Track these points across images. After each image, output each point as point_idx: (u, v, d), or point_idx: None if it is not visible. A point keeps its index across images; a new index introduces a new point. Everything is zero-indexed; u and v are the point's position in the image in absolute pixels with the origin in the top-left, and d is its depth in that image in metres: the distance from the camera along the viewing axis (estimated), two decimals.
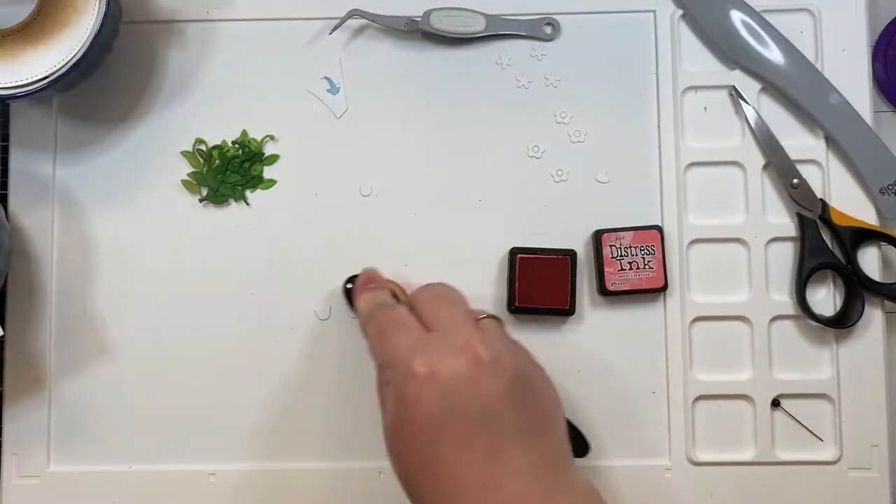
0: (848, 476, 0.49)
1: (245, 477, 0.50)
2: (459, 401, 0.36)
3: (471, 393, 0.36)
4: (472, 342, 0.37)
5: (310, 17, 0.52)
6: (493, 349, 0.37)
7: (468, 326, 0.39)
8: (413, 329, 0.40)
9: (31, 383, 0.50)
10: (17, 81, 0.45)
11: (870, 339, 0.50)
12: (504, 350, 0.38)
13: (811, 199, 0.50)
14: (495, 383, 0.36)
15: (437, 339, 0.39)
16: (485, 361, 0.37)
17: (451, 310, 0.40)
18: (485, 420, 0.36)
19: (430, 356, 0.37)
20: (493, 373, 0.37)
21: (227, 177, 0.51)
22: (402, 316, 0.41)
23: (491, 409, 0.36)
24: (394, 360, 0.38)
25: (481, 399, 0.36)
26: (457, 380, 0.36)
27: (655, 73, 0.51)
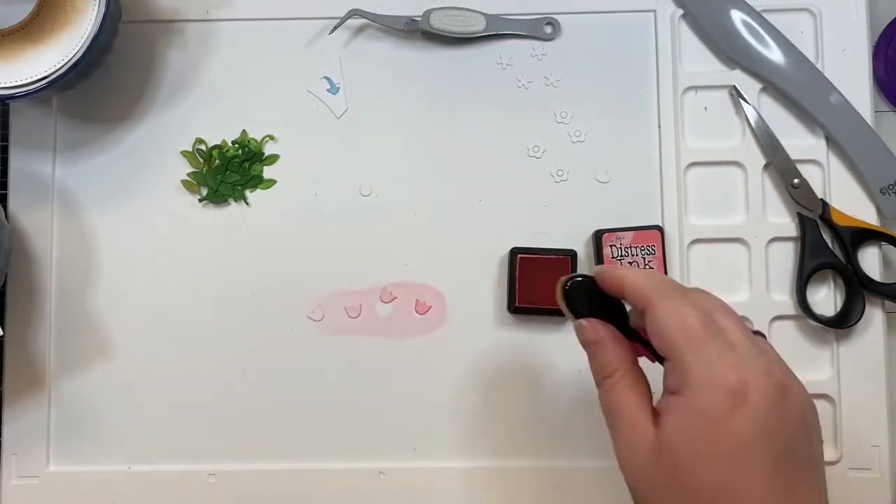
0: (848, 476, 0.49)
1: (245, 477, 0.50)
2: (769, 428, 0.33)
3: (778, 421, 0.34)
4: (775, 367, 0.35)
5: (310, 17, 0.52)
6: (789, 376, 0.35)
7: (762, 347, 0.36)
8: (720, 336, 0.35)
9: (31, 383, 0.50)
10: (16, 81, 0.45)
11: (870, 339, 0.50)
12: (795, 379, 0.36)
13: (812, 198, 0.50)
14: (794, 414, 0.34)
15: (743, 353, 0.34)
16: (787, 389, 0.34)
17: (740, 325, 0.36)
18: (785, 452, 0.34)
19: (744, 372, 0.34)
20: (794, 402, 0.34)
21: (227, 177, 0.51)
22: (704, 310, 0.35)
23: (791, 440, 0.34)
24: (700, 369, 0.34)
25: (786, 430, 0.34)
26: (766, 405, 0.33)
27: (655, 73, 0.51)
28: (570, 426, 0.50)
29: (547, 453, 0.49)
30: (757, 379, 0.34)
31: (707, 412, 0.33)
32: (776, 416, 0.34)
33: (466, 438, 0.50)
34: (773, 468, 0.33)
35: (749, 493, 0.33)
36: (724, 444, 0.33)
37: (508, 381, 0.50)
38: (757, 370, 0.34)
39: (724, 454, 0.33)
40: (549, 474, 0.49)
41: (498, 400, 0.50)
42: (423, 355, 0.50)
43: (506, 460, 0.49)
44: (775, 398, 0.34)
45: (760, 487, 0.33)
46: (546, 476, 0.49)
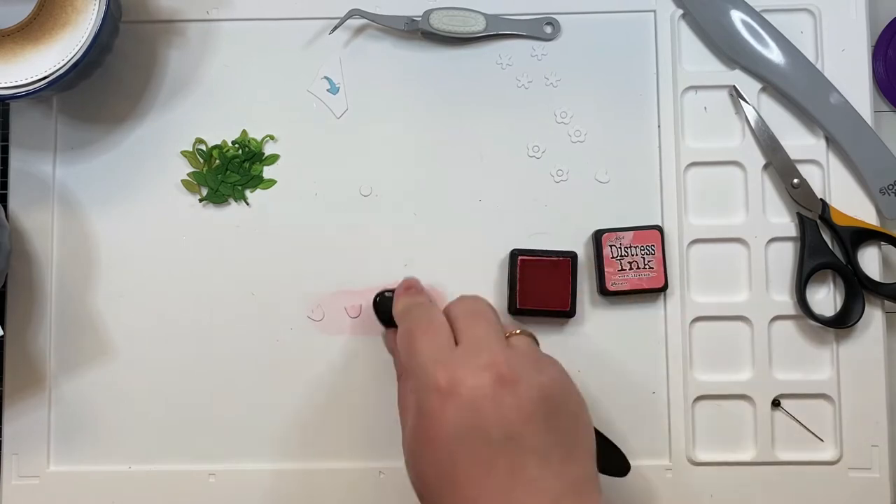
0: (848, 476, 0.49)
1: (245, 477, 0.50)
2: (481, 419, 0.35)
3: (493, 412, 0.35)
4: (498, 360, 0.37)
5: (310, 17, 0.52)
6: (518, 368, 0.37)
7: (496, 344, 0.38)
8: (442, 337, 0.39)
9: (31, 383, 0.50)
10: (17, 81, 0.45)
11: (870, 339, 0.50)
12: (531, 370, 0.37)
13: (811, 199, 0.50)
14: (519, 404, 0.36)
15: (463, 353, 0.38)
16: (508, 380, 0.36)
17: (482, 325, 0.39)
18: (506, 441, 0.35)
19: (454, 370, 0.36)
20: (517, 393, 0.36)
21: (227, 177, 0.51)
22: (434, 319, 0.40)
23: (513, 430, 0.35)
24: (417, 368, 0.38)
25: (503, 419, 0.35)
26: (479, 398, 0.35)
27: (655, 73, 0.51)
28: None
29: None
30: (470, 374, 0.36)
31: (424, 410, 0.36)
32: (491, 407, 0.35)
33: None
34: (491, 456, 0.35)
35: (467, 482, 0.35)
36: (438, 438, 0.36)
37: None
38: (473, 365, 0.36)
39: (440, 447, 0.36)
40: None
41: None
42: None
43: None
44: (490, 390, 0.35)
45: (478, 475, 0.35)
46: None
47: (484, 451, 0.35)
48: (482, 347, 0.38)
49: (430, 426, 0.36)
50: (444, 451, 0.35)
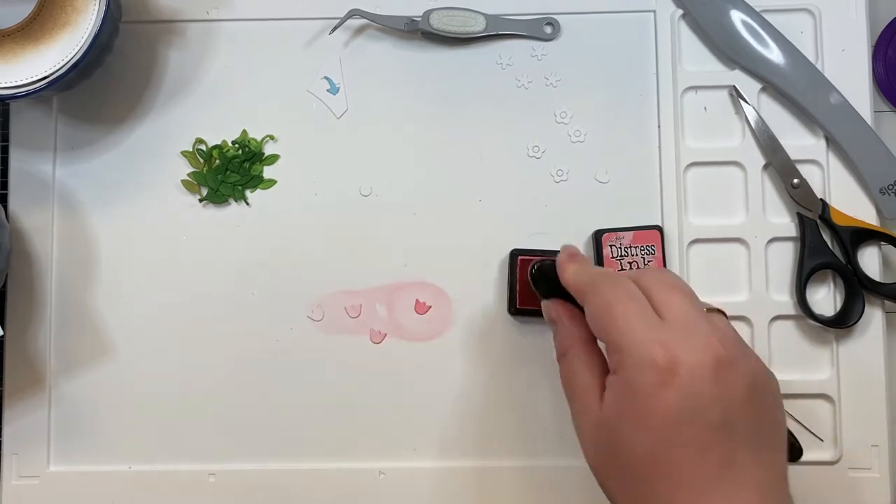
0: (848, 476, 0.49)
1: (245, 477, 0.50)
2: (700, 401, 0.34)
3: (712, 395, 0.34)
4: (713, 341, 0.35)
5: (310, 17, 0.52)
6: (733, 350, 0.35)
7: (705, 321, 0.36)
8: (648, 312, 0.36)
9: (31, 383, 0.50)
10: (17, 81, 0.45)
11: (870, 339, 0.50)
12: (742, 352, 0.36)
13: (811, 199, 0.50)
14: (735, 388, 0.34)
15: (677, 330, 0.35)
16: (725, 362, 0.34)
17: (685, 300, 0.37)
18: (723, 427, 0.34)
19: (672, 348, 0.34)
20: (733, 376, 0.34)
21: (227, 177, 0.51)
22: (632, 293, 0.37)
23: (730, 414, 0.34)
24: (627, 346, 0.35)
25: (722, 403, 0.34)
26: (699, 379, 0.34)
27: (655, 73, 0.51)
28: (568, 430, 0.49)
29: (547, 453, 0.49)
30: (689, 353, 0.34)
31: (637, 389, 0.34)
32: (710, 389, 0.34)
33: (466, 438, 0.50)
34: (707, 441, 0.34)
35: (681, 466, 0.33)
36: (654, 419, 0.34)
37: (509, 381, 0.50)
38: (691, 345, 0.34)
39: (655, 428, 0.34)
40: (549, 473, 0.49)
41: (498, 400, 0.50)
42: (423, 355, 0.50)
43: (505, 460, 0.49)
44: (710, 371, 0.34)
45: (692, 460, 0.33)
46: (546, 475, 0.49)
47: (702, 435, 0.33)
48: (695, 324, 0.35)
49: (646, 405, 0.34)
50: (659, 433, 0.34)
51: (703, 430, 0.34)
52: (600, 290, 0.38)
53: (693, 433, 0.34)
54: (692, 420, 0.34)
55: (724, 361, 0.34)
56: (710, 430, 0.34)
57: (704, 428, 0.34)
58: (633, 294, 0.37)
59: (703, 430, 0.34)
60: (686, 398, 0.34)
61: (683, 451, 0.34)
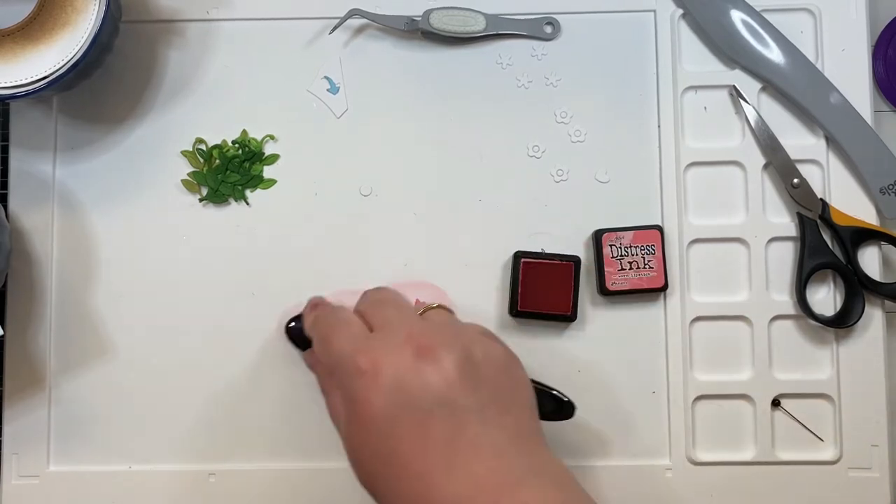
0: (848, 476, 0.49)
1: (245, 477, 0.50)
2: (408, 392, 0.36)
3: (418, 383, 0.36)
4: (413, 334, 0.37)
5: (310, 17, 0.52)
6: (436, 337, 0.37)
7: (409, 321, 0.39)
8: (355, 329, 0.40)
9: (31, 383, 0.50)
10: (17, 81, 0.45)
11: (870, 339, 0.50)
12: (449, 336, 0.38)
13: (811, 198, 0.50)
14: (442, 369, 0.36)
15: (379, 336, 0.39)
16: (427, 350, 0.37)
17: (391, 308, 0.41)
18: (437, 407, 0.36)
19: (373, 353, 0.37)
20: (438, 359, 0.36)
21: (227, 176, 0.51)
22: (344, 317, 0.41)
23: (442, 395, 0.36)
24: (338, 362, 0.38)
25: (430, 387, 0.36)
26: (402, 372, 0.36)
27: (655, 73, 0.51)
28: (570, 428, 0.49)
29: None
30: (388, 353, 0.37)
31: (351, 399, 0.37)
32: (414, 378, 0.36)
33: None
34: (424, 425, 0.35)
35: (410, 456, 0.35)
36: (373, 420, 0.36)
37: None
38: (390, 345, 0.37)
39: (375, 429, 0.36)
40: None
41: None
42: None
43: None
44: (410, 362, 0.36)
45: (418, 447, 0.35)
46: None
47: (417, 420, 0.35)
48: (396, 326, 0.38)
49: (362, 411, 0.36)
50: (380, 434, 0.36)
51: (418, 416, 0.35)
52: (318, 326, 0.42)
53: (408, 423, 0.35)
54: (404, 411, 0.36)
55: (424, 349, 0.36)
56: (424, 415, 0.35)
57: (418, 414, 0.35)
58: (342, 319, 0.41)
59: (417, 416, 0.35)
60: (393, 393, 0.36)
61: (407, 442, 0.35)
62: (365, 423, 0.36)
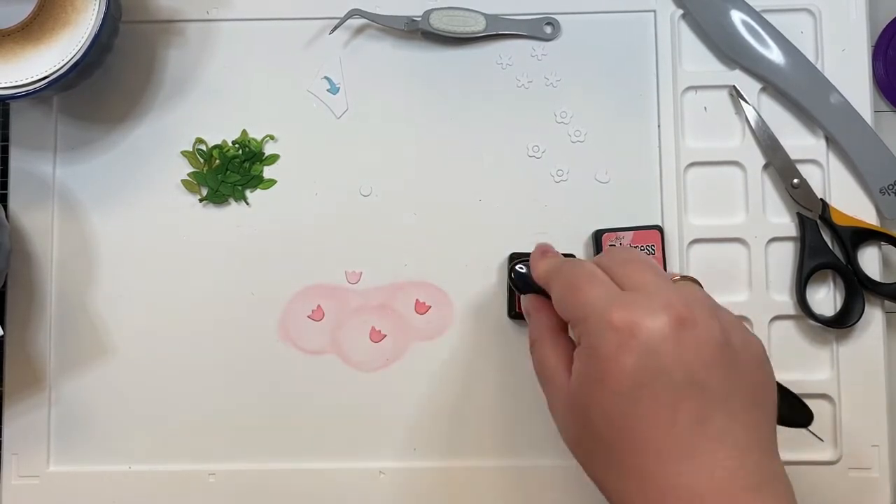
0: (848, 476, 0.49)
1: (245, 477, 0.50)
2: (662, 361, 0.33)
3: (675, 354, 0.33)
4: (674, 301, 0.34)
5: (310, 17, 0.52)
6: (696, 310, 0.34)
7: (667, 286, 0.35)
8: (608, 285, 0.36)
9: (31, 383, 0.50)
10: (17, 81, 0.45)
11: (870, 339, 0.50)
12: (708, 312, 0.34)
13: (811, 199, 0.50)
14: (700, 346, 0.33)
15: (636, 295, 0.35)
16: (688, 322, 0.33)
17: (646, 269, 0.37)
18: (689, 385, 0.33)
19: (630, 311, 0.34)
20: (697, 335, 0.33)
21: (227, 177, 0.51)
22: (593, 271, 0.37)
23: (696, 373, 0.33)
24: (588, 316, 0.35)
25: (686, 362, 0.33)
26: (659, 339, 0.33)
27: (655, 74, 0.51)
28: None
29: (543, 452, 0.49)
30: (647, 315, 0.33)
31: (598, 354, 0.34)
32: (672, 348, 0.33)
33: (466, 439, 0.50)
34: (672, 401, 0.33)
35: (645, 429, 0.33)
36: (615, 382, 0.33)
37: (509, 381, 0.50)
38: (650, 306, 0.34)
39: (619, 391, 0.33)
40: (548, 473, 0.49)
41: (499, 400, 0.50)
42: (422, 355, 0.50)
43: (504, 460, 0.49)
44: (670, 330, 0.33)
45: (661, 421, 0.33)
46: (546, 475, 0.49)
47: (667, 396, 0.33)
48: (655, 289, 0.35)
49: (607, 370, 0.33)
50: (622, 397, 0.33)
51: (667, 389, 0.33)
52: (562, 273, 0.39)
53: (656, 393, 0.33)
54: (654, 380, 0.33)
55: (686, 321, 0.33)
56: (674, 390, 0.33)
57: (668, 387, 0.33)
58: (593, 272, 0.37)
59: (667, 389, 0.33)
60: (646, 358, 0.33)
61: (647, 412, 0.33)
62: (608, 382, 0.33)
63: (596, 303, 0.35)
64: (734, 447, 0.32)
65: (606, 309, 0.34)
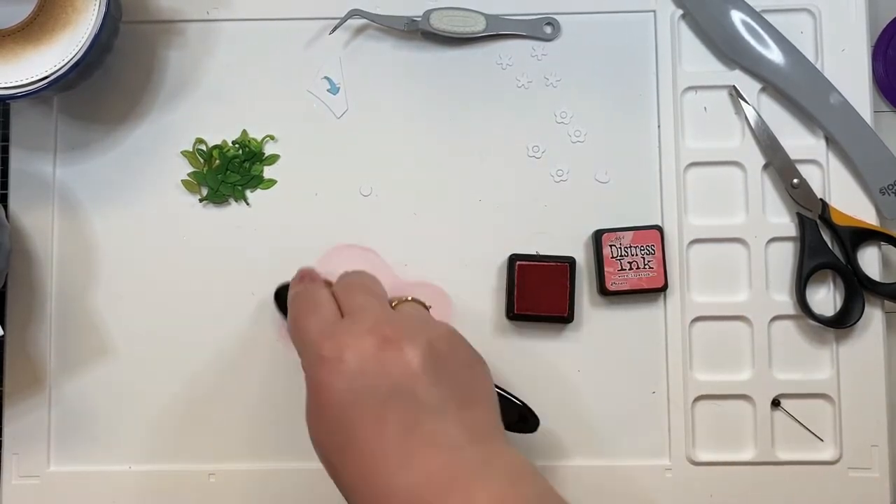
0: (848, 476, 0.49)
1: (245, 477, 0.50)
2: (367, 380, 0.36)
3: (378, 371, 0.36)
4: (380, 323, 0.38)
5: (310, 17, 0.52)
6: (403, 329, 0.37)
7: (378, 309, 0.39)
8: (326, 313, 0.39)
9: (31, 383, 0.50)
10: (17, 81, 0.45)
11: (870, 339, 0.50)
12: (416, 329, 0.38)
13: (811, 199, 0.50)
14: (404, 359, 0.36)
15: (347, 323, 0.39)
16: (392, 340, 0.37)
17: (363, 294, 0.41)
18: (396, 396, 0.36)
19: (338, 340, 0.37)
20: (402, 349, 0.36)
21: (227, 177, 0.51)
22: (318, 298, 0.41)
23: (401, 385, 0.36)
24: (304, 349, 0.39)
25: (390, 376, 0.36)
26: (363, 360, 0.36)
27: (655, 73, 0.51)
28: (567, 430, 0.50)
29: (544, 455, 0.49)
30: (353, 339, 0.37)
31: (313, 384, 0.37)
32: (376, 366, 0.36)
33: None
34: (382, 413, 0.35)
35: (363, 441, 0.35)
36: (331, 407, 0.36)
37: (508, 381, 0.50)
38: (357, 331, 0.37)
39: (333, 416, 0.36)
40: (545, 473, 0.49)
41: None
42: None
43: None
44: (374, 350, 0.36)
45: (372, 433, 0.35)
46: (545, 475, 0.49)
47: (374, 409, 0.35)
48: (365, 314, 0.38)
49: (321, 395, 0.37)
50: (337, 418, 0.36)
51: (375, 404, 0.35)
52: (294, 302, 0.42)
53: (365, 408, 0.36)
54: (362, 398, 0.36)
55: (389, 339, 0.37)
56: (381, 403, 0.35)
57: (376, 402, 0.35)
58: (315, 300, 0.41)
59: (374, 404, 0.35)
60: (353, 379, 0.36)
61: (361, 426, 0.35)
62: (325, 409, 0.37)
63: (309, 335, 0.38)
64: (448, 446, 0.35)
65: (317, 341, 0.38)
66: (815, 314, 0.49)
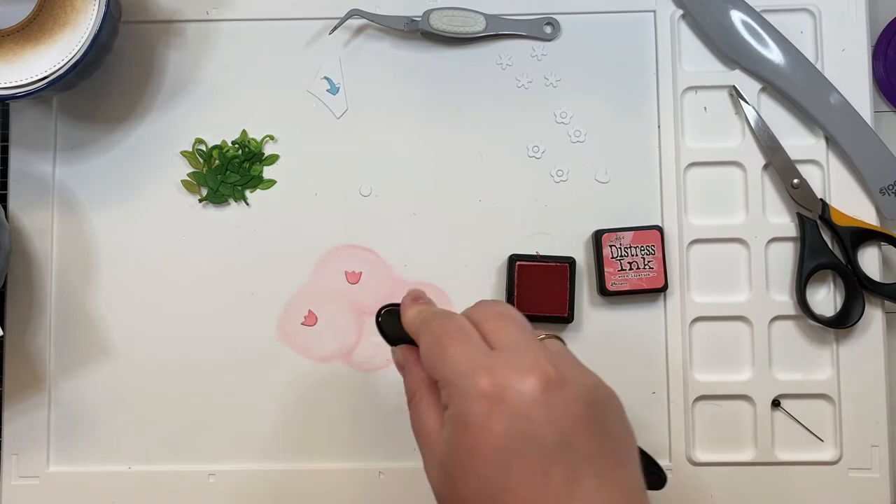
0: (848, 476, 0.49)
1: (245, 477, 0.50)
2: (533, 425, 0.32)
3: (545, 417, 0.32)
4: (542, 362, 0.33)
5: (310, 17, 0.52)
6: (563, 370, 0.34)
7: (535, 346, 0.35)
8: (476, 343, 0.35)
9: (31, 383, 0.50)
10: (17, 81, 0.45)
11: (870, 339, 0.50)
12: (575, 371, 0.35)
13: (811, 199, 0.50)
14: (569, 407, 0.33)
15: (503, 356, 0.34)
16: (556, 382, 0.33)
17: (514, 327, 0.36)
18: (561, 447, 0.32)
19: (497, 374, 0.33)
20: (566, 395, 0.33)
21: (227, 177, 0.51)
22: (462, 326, 0.36)
23: (566, 435, 0.32)
24: (454, 380, 0.34)
25: (556, 424, 0.32)
26: (528, 402, 0.32)
27: (655, 73, 0.51)
28: None
29: None
30: (515, 377, 0.33)
31: (467, 421, 0.33)
32: (541, 410, 0.32)
33: None
34: (544, 465, 0.32)
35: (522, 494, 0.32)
36: (487, 449, 0.32)
37: None
38: (517, 368, 0.33)
39: (488, 459, 0.32)
40: None
41: None
42: None
43: None
44: (539, 393, 0.33)
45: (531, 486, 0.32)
46: None
47: (538, 459, 0.32)
48: (522, 350, 0.34)
49: (477, 436, 0.33)
50: (493, 463, 0.32)
51: (539, 453, 0.32)
52: (430, 327, 0.37)
53: (528, 458, 0.32)
54: (525, 445, 0.32)
55: (553, 381, 0.33)
56: (545, 453, 0.32)
57: (539, 451, 0.32)
58: (461, 327, 0.36)
59: (538, 453, 0.32)
60: (516, 422, 0.32)
61: (522, 478, 0.32)
62: (477, 448, 0.33)
63: (461, 366, 0.34)
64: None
65: (472, 373, 0.33)
66: (815, 314, 0.49)
